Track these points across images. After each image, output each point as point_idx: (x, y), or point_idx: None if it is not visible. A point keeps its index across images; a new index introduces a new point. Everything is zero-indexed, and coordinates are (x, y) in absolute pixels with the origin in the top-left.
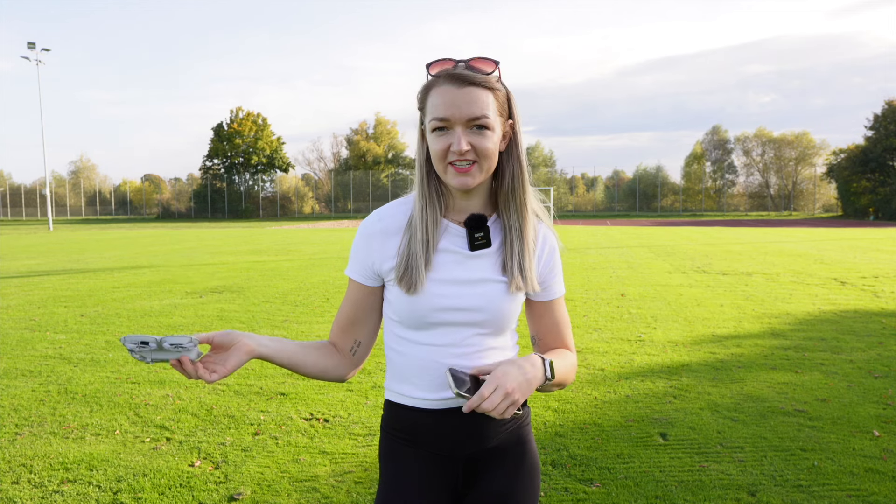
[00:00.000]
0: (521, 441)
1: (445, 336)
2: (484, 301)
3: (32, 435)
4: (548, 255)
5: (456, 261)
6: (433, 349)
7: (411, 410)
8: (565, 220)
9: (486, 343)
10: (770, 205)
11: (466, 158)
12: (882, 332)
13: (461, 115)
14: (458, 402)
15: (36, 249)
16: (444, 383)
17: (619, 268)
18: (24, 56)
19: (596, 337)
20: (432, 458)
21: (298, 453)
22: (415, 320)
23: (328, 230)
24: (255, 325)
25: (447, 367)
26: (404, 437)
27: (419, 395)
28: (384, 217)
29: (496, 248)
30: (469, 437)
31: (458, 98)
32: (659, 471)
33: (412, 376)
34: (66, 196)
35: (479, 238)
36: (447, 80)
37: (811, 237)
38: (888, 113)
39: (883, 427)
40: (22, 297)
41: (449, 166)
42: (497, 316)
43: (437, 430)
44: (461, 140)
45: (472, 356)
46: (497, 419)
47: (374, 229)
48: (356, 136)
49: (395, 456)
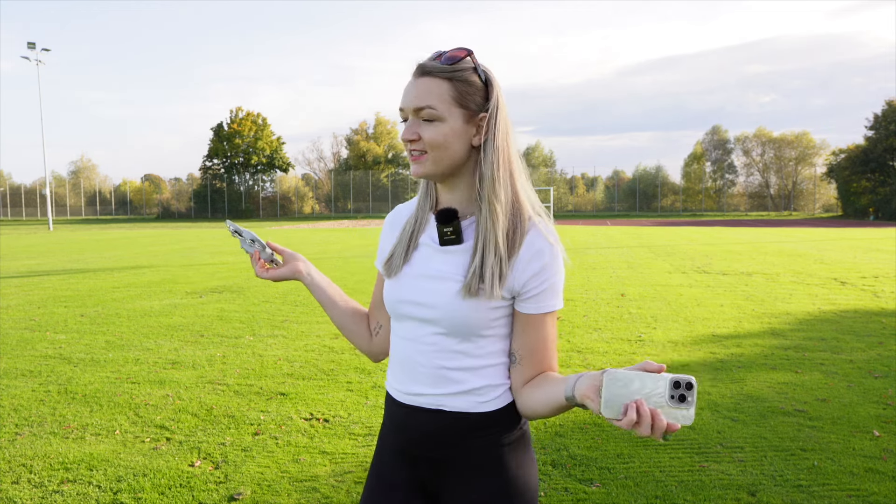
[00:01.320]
0: (499, 462)
1: (411, 330)
2: (434, 298)
3: (32, 435)
4: (531, 261)
5: (427, 255)
6: (404, 342)
7: (391, 400)
8: (565, 220)
9: (446, 345)
10: (770, 205)
11: (416, 148)
12: (882, 332)
13: (409, 105)
14: (418, 401)
15: (36, 249)
16: (410, 378)
17: (619, 268)
18: (24, 56)
19: (596, 337)
20: (401, 454)
21: (298, 453)
22: (390, 309)
23: (328, 230)
24: (255, 325)
25: (413, 361)
26: (387, 424)
27: (395, 385)
28: (398, 210)
29: (468, 246)
30: (428, 439)
31: (410, 88)
32: (659, 471)
33: (394, 366)
34: (66, 196)
35: (447, 233)
36: (413, 72)
37: (811, 237)
38: (888, 113)
39: (883, 427)
40: (22, 297)
41: (410, 154)
42: (450, 316)
43: (401, 424)
44: (407, 129)
45: (431, 355)
46: (459, 432)
47: (389, 221)
48: (356, 136)
49: (380, 446)
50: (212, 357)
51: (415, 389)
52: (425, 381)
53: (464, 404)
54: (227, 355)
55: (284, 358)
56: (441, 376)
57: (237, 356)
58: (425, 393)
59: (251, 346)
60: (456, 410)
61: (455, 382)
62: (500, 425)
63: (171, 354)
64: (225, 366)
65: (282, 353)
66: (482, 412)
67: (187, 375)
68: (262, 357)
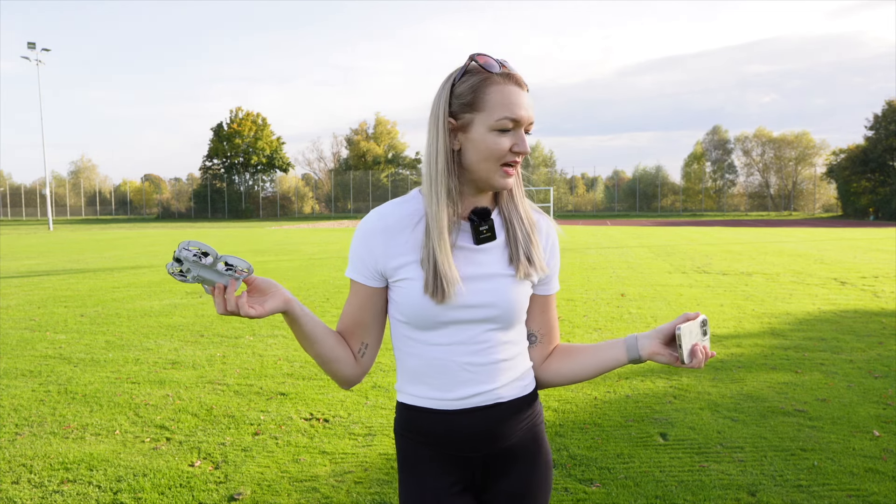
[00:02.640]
0: (536, 439)
1: (457, 334)
2: (495, 296)
3: (32, 435)
4: (551, 245)
5: (464, 256)
6: (445, 348)
7: (426, 412)
8: (565, 220)
9: (499, 338)
10: (770, 205)
11: (519, 161)
12: (882, 332)
13: (528, 118)
14: (474, 402)
15: (36, 249)
16: (460, 382)
17: (619, 268)
18: (24, 56)
19: (596, 337)
20: (449, 459)
21: (298, 453)
22: (425, 321)
23: (328, 230)
24: (255, 325)
25: (458, 364)
26: (421, 440)
27: (434, 395)
28: (385, 215)
29: (501, 241)
30: (485, 438)
31: (525, 101)
32: (659, 471)
33: (426, 377)
34: (66, 196)
35: (484, 231)
36: (509, 80)
37: (811, 237)
38: (888, 113)
39: (883, 427)
40: (22, 297)
41: (501, 167)
42: (508, 309)
43: (452, 430)
44: (525, 142)
45: (486, 352)
46: (513, 419)
47: (375, 227)
48: (356, 136)
49: (415, 460)
50: (212, 357)
51: (467, 392)
52: (482, 378)
53: (516, 391)
54: (227, 355)
55: (284, 358)
56: (499, 370)
57: (237, 356)
58: (482, 391)
59: (251, 346)
60: (511, 399)
61: (510, 371)
62: (537, 403)
63: (171, 354)
64: (225, 366)
65: (282, 353)
66: (527, 394)
67: (187, 375)
68: (262, 357)
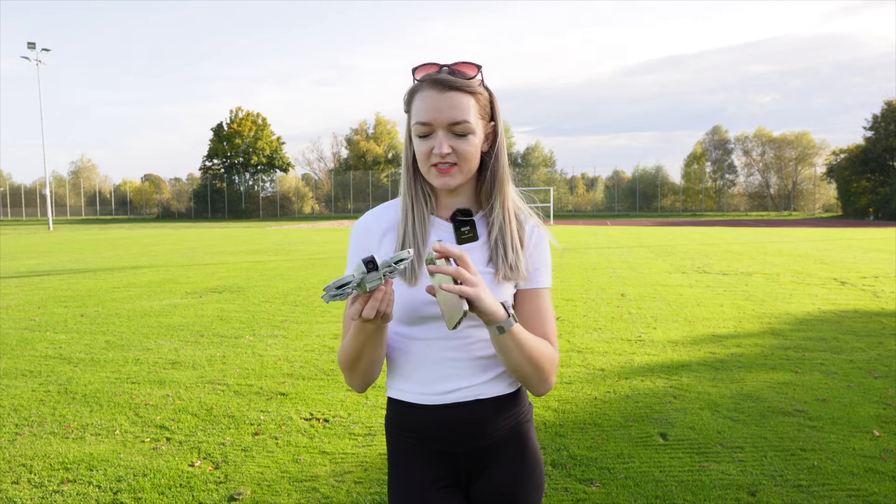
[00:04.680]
0: (521, 437)
1: (438, 329)
2: None
3: (32, 435)
4: (534, 244)
5: None
6: (427, 343)
7: (411, 406)
8: (565, 220)
9: (479, 335)
10: (770, 205)
11: (447, 161)
12: (882, 332)
13: (442, 120)
14: (454, 397)
15: (36, 249)
16: (439, 377)
17: (619, 268)
18: (24, 56)
19: (596, 337)
20: (434, 454)
21: (298, 453)
22: (408, 314)
23: (328, 230)
24: (255, 325)
25: (444, 358)
26: (408, 434)
27: (417, 389)
28: (378, 215)
29: (482, 241)
30: (466, 433)
31: (439, 102)
32: (659, 471)
33: (410, 372)
34: (66, 196)
35: (465, 232)
36: (430, 84)
37: (811, 237)
38: (888, 113)
39: (883, 427)
40: (22, 297)
41: (432, 168)
42: None
43: (434, 425)
44: (442, 143)
45: (466, 348)
46: (495, 416)
47: (370, 224)
48: (356, 136)
49: (402, 454)
50: (212, 357)
51: (448, 387)
52: (462, 374)
53: (498, 388)
54: (227, 355)
55: (284, 358)
56: (479, 366)
57: (237, 356)
58: (462, 387)
59: (251, 346)
60: (493, 396)
61: (491, 369)
62: (523, 402)
63: (171, 354)
64: (225, 366)
65: (282, 353)
66: (510, 392)
67: (187, 375)
68: (262, 357)
